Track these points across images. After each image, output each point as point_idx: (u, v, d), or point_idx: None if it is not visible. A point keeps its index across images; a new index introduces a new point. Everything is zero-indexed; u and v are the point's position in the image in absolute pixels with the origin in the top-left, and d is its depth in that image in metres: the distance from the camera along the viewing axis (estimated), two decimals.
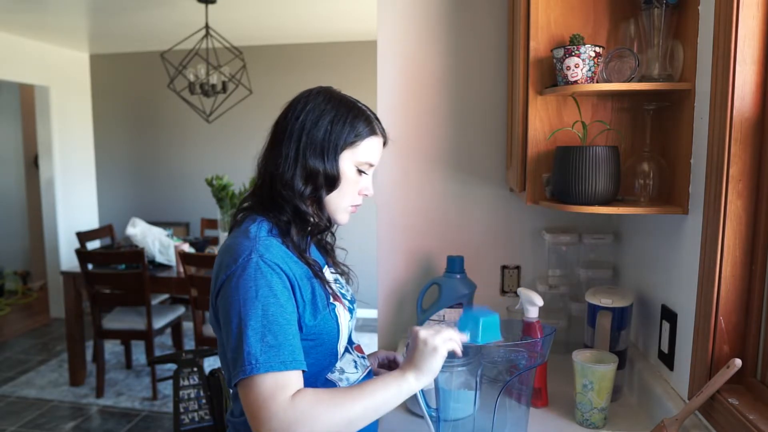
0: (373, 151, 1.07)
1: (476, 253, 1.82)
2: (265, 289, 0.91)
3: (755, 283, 0.99)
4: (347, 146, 1.03)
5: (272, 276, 0.92)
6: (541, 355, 1.14)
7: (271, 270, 0.93)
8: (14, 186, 5.91)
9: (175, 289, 3.48)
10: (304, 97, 1.06)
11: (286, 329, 0.90)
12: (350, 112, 1.04)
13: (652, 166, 1.26)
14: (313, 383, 1.00)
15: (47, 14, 3.95)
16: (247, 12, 3.96)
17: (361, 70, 4.74)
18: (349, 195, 1.07)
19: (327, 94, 1.06)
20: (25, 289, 5.82)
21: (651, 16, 1.20)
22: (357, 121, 1.04)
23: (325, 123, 1.02)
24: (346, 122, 1.03)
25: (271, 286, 0.91)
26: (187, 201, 5.36)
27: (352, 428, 0.88)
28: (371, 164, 1.08)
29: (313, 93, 1.07)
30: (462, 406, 1.19)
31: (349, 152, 1.04)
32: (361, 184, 1.08)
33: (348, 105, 1.06)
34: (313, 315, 0.99)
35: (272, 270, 0.93)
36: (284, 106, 1.08)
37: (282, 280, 0.94)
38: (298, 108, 1.05)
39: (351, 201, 1.08)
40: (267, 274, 0.92)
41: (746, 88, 0.96)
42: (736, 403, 0.97)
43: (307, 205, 1.04)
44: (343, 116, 1.03)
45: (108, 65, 5.46)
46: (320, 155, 1.02)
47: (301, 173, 1.02)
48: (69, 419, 3.23)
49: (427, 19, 1.76)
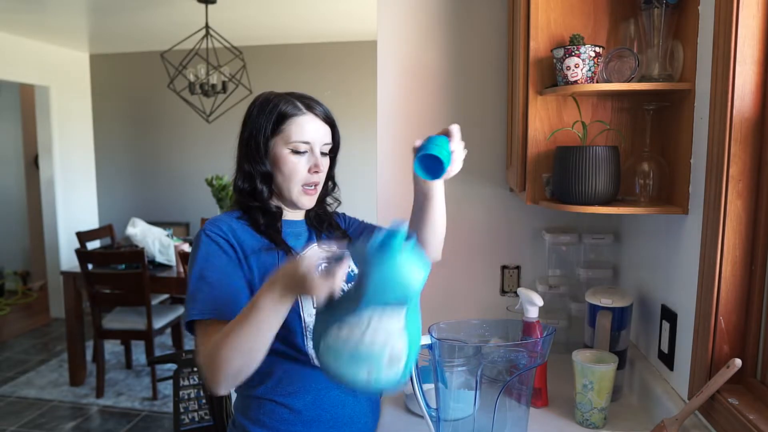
0: (300, 129, 1.11)
1: (476, 253, 1.82)
2: (202, 255, 1.05)
3: (755, 283, 0.99)
4: (273, 134, 1.11)
5: (210, 245, 1.06)
6: (541, 355, 1.14)
7: (209, 240, 1.07)
8: (14, 186, 5.91)
9: (175, 289, 3.48)
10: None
11: (214, 286, 1.02)
12: (270, 103, 1.12)
13: (652, 166, 1.26)
14: (284, 349, 1.08)
15: (47, 14, 3.95)
16: (247, 12, 3.96)
17: (361, 70, 4.74)
18: (295, 176, 1.12)
19: (257, 98, 1.16)
20: (25, 289, 5.82)
21: (651, 16, 1.20)
22: (277, 108, 1.11)
23: (249, 124, 1.13)
24: (264, 114, 1.12)
25: (207, 252, 1.06)
26: (187, 201, 5.36)
27: (252, 354, 0.91)
28: (305, 142, 1.12)
29: (251, 103, 1.17)
30: (462, 406, 1.19)
31: (278, 138, 1.12)
32: (308, 163, 1.12)
33: (270, 99, 1.13)
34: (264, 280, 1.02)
35: (211, 240, 1.07)
36: None
37: (220, 246, 1.06)
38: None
39: (301, 181, 1.13)
40: (205, 244, 1.06)
41: (746, 88, 0.96)
42: (736, 403, 0.97)
43: (259, 200, 1.13)
44: (263, 110, 1.12)
45: (108, 65, 5.46)
46: (247, 155, 1.13)
47: (240, 175, 1.14)
48: (69, 419, 3.23)
49: (427, 19, 1.76)
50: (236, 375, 0.94)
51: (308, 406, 1.10)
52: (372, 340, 0.83)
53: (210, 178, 3.59)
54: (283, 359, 1.09)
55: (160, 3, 3.68)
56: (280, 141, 1.11)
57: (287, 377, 1.10)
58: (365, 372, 0.84)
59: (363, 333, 0.83)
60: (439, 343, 1.10)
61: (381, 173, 1.82)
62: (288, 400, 1.10)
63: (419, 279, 0.82)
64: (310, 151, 1.13)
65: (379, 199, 1.83)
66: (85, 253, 3.40)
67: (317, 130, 1.13)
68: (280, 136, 1.11)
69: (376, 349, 0.83)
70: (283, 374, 1.10)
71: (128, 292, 3.38)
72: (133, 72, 5.44)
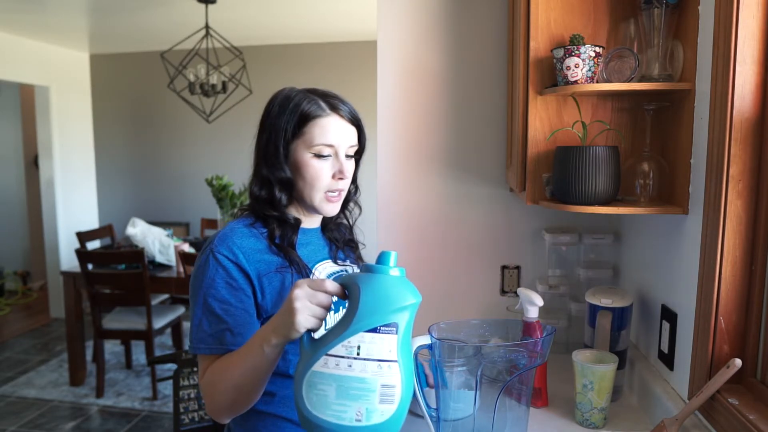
0: (324, 131, 1.02)
1: (476, 253, 1.82)
2: (208, 280, 0.98)
3: (755, 283, 0.99)
4: (294, 136, 1.03)
5: (217, 270, 0.98)
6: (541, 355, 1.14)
7: (216, 264, 0.99)
8: (14, 186, 5.91)
9: (175, 289, 3.48)
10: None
11: (221, 319, 0.98)
12: (291, 102, 1.03)
13: (652, 166, 1.26)
14: (285, 369, 1.05)
15: (47, 14, 3.95)
16: (247, 12, 3.96)
17: (361, 70, 4.74)
18: (318, 183, 1.04)
19: (277, 95, 1.07)
20: (25, 289, 5.82)
21: (651, 16, 1.20)
22: (298, 108, 1.02)
23: (268, 126, 1.04)
24: (285, 114, 1.02)
25: (214, 278, 0.98)
26: (187, 201, 5.36)
27: (246, 391, 0.92)
28: (329, 145, 1.03)
29: (269, 100, 1.08)
30: (462, 406, 1.19)
31: (299, 141, 1.03)
32: (331, 169, 1.04)
33: (291, 97, 1.04)
34: (276, 303, 1.02)
35: (219, 265, 0.99)
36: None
37: (228, 272, 0.99)
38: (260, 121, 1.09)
39: (325, 188, 1.05)
40: (212, 268, 0.99)
41: (746, 88, 0.96)
42: (736, 403, 0.97)
43: (286, 207, 1.07)
44: (283, 110, 1.03)
45: (108, 65, 5.46)
46: (265, 159, 1.04)
47: (257, 181, 1.07)
48: (69, 419, 3.23)
49: (427, 19, 1.76)
50: (232, 408, 0.95)
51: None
52: (363, 367, 0.75)
53: (210, 178, 3.59)
54: (287, 379, 1.06)
55: (160, 3, 3.68)
56: (302, 144, 1.02)
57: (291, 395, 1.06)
58: (355, 410, 0.74)
59: (352, 361, 0.75)
60: (439, 343, 1.10)
61: (381, 174, 1.82)
62: (292, 414, 1.06)
63: (411, 302, 0.78)
64: (334, 156, 1.04)
65: (379, 199, 1.83)
66: (85, 253, 3.40)
67: (342, 133, 1.04)
68: (301, 139, 1.02)
69: (367, 378, 0.75)
70: (288, 392, 1.06)
71: (128, 292, 3.38)
72: (133, 72, 5.44)
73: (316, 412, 0.76)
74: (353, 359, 0.75)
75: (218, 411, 0.96)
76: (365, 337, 0.76)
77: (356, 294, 0.78)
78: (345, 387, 0.75)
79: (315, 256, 1.12)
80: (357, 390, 0.75)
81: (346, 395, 0.75)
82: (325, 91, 1.07)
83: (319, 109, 1.03)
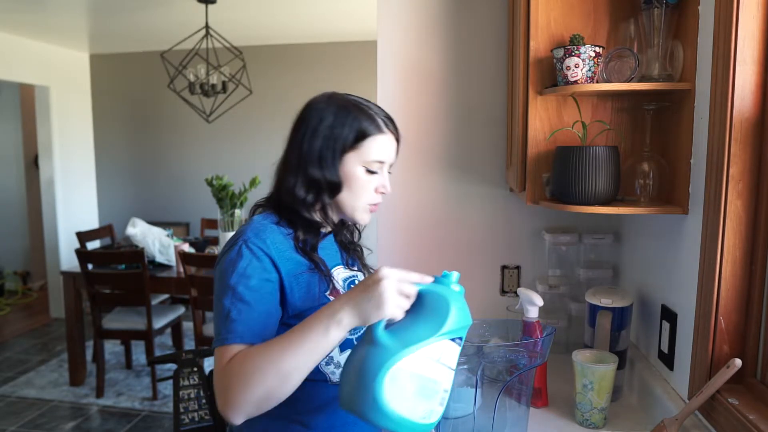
0: (380, 148, 1.06)
1: (476, 253, 1.82)
2: (240, 269, 0.96)
3: (755, 283, 0.99)
4: (349, 148, 1.04)
5: (251, 260, 0.96)
6: (541, 355, 1.14)
7: (251, 254, 0.97)
8: (14, 186, 5.90)
9: (175, 289, 3.48)
10: (308, 105, 1.08)
11: (252, 308, 0.94)
12: (350, 114, 1.05)
13: (652, 166, 1.26)
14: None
15: (47, 14, 3.95)
16: (247, 12, 3.96)
17: (361, 70, 4.74)
18: (363, 195, 1.07)
19: (329, 99, 1.08)
20: (25, 289, 5.82)
21: (651, 16, 1.20)
22: (358, 122, 1.04)
23: (323, 129, 1.04)
24: (345, 125, 1.04)
25: (244, 270, 0.96)
26: (187, 201, 5.36)
27: (288, 379, 0.85)
28: (381, 162, 1.07)
29: (316, 100, 1.08)
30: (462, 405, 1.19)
31: (353, 154, 1.05)
32: (376, 183, 1.08)
33: (349, 107, 1.06)
34: (304, 300, 1.02)
35: (253, 255, 0.97)
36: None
37: (262, 263, 0.97)
38: (302, 117, 1.08)
39: (367, 200, 1.08)
40: (246, 258, 0.96)
41: (746, 88, 0.96)
42: (736, 403, 0.97)
43: (314, 211, 1.08)
44: (343, 119, 1.04)
45: (108, 65, 5.46)
46: (318, 163, 1.04)
47: (302, 181, 1.05)
48: (69, 419, 3.23)
49: (427, 19, 1.76)
50: (265, 400, 0.85)
51: (321, 422, 1.07)
52: (439, 371, 0.80)
53: (210, 178, 3.59)
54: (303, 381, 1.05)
55: (160, 3, 3.68)
56: (355, 157, 1.05)
57: (305, 397, 1.04)
58: (423, 409, 0.79)
59: (435, 364, 0.79)
60: None
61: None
62: (302, 417, 1.06)
63: (471, 322, 0.86)
64: (380, 171, 1.08)
65: None
66: (85, 253, 3.40)
67: (392, 151, 1.09)
68: (356, 152, 1.04)
69: (439, 382, 0.80)
70: (300, 394, 1.02)
71: (128, 292, 3.38)
72: (133, 72, 5.44)
73: (391, 405, 0.79)
74: (435, 362, 0.81)
75: (241, 405, 0.85)
76: (447, 345, 0.82)
77: (443, 304, 0.84)
78: (424, 386, 0.80)
79: (331, 260, 1.13)
80: (431, 391, 0.81)
81: (422, 394, 0.80)
82: (378, 106, 1.10)
83: (378, 128, 1.06)
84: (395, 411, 0.79)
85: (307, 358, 0.85)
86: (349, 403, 0.83)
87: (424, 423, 0.81)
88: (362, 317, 0.83)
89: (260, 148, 5.07)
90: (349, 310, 0.84)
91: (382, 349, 0.81)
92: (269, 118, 5.04)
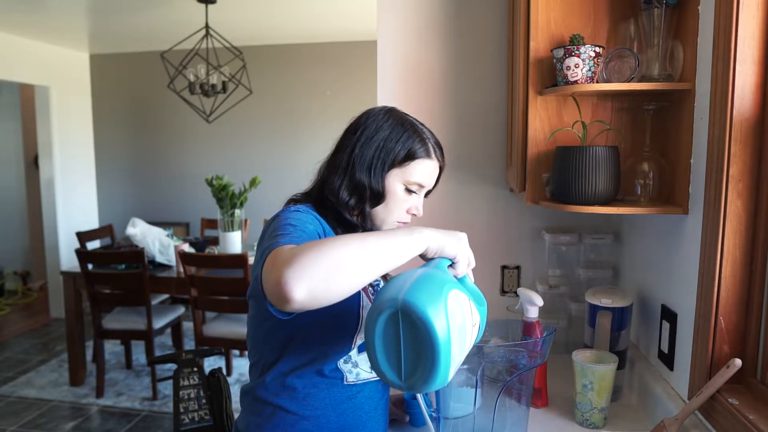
0: (424, 172, 1.09)
1: (476, 253, 1.82)
2: (291, 215, 0.98)
3: (755, 283, 0.99)
4: (397, 165, 1.07)
5: (305, 214, 1.00)
6: (541, 355, 1.14)
7: (300, 213, 1.00)
8: (14, 186, 5.91)
9: (175, 289, 3.48)
10: (366, 113, 1.12)
11: (306, 232, 0.94)
12: (405, 132, 1.08)
13: (652, 166, 1.26)
14: (320, 367, 1.04)
15: (47, 14, 3.95)
16: (247, 12, 3.96)
17: (361, 70, 4.74)
18: (396, 212, 1.10)
19: (388, 113, 1.11)
20: (25, 289, 5.82)
21: (651, 16, 1.20)
22: (410, 142, 1.08)
23: (378, 140, 1.08)
24: (399, 141, 1.08)
25: (298, 215, 0.99)
26: (187, 201, 5.36)
27: (367, 258, 0.79)
28: (421, 185, 1.10)
29: (375, 111, 1.13)
30: (462, 405, 1.19)
31: (398, 170, 1.08)
32: (410, 203, 1.11)
33: (405, 125, 1.10)
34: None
35: (301, 212, 1.00)
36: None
37: (314, 223, 1.00)
38: (358, 123, 1.11)
39: (397, 218, 1.11)
40: (300, 212, 1.00)
41: (746, 88, 0.96)
42: (736, 403, 0.97)
43: (352, 215, 1.09)
44: (397, 135, 1.08)
45: (108, 65, 5.46)
46: (368, 170, 1.07)
47: (348, 184, 1.08)
48: (69, 419, 3.23)
49: (427, 19, 1.76)
50: (334, 270, 0.75)
51: (333, 421, 1.07)
52: (471, 333, 0.85)
53: (210, 178, 3.59)
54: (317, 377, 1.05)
55: (160, 3, 3.68)
56: (399, 174, 1.08)
57: (320, 394, 1.06)
58: (457, 351, 0.78)
59: (471, 319, 0.84)
60: None
61: None
62: (316, 414, 1.06)
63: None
64: (418, 193, 1.12)
65: None
66: (85, 253, 3.40)
67: (434, 177, 1.13)
68: (401, 170, 1.08)
69: (469, 343, 0.85)
70: (314, 391, 1.06)
71: (128, 292, 3.38)
72: (133, 72, 5.44)
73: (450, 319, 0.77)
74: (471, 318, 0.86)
75: (310, 270, 0.73)
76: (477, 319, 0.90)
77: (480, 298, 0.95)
78: (463, 328, 0.82)
79: None
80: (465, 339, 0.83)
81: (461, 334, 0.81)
82: (431, 131, 1.13)
83: (427, 152, 1.09)
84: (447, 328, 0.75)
85: (389, 244, 0.82)
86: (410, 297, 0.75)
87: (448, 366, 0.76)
88: (440, 246, 0.88)
89: (260, 148, 5.08)
90: (434, 233, 0.88)
91: (449, 275, 0.87)
92: (269, 118, 5.05)
